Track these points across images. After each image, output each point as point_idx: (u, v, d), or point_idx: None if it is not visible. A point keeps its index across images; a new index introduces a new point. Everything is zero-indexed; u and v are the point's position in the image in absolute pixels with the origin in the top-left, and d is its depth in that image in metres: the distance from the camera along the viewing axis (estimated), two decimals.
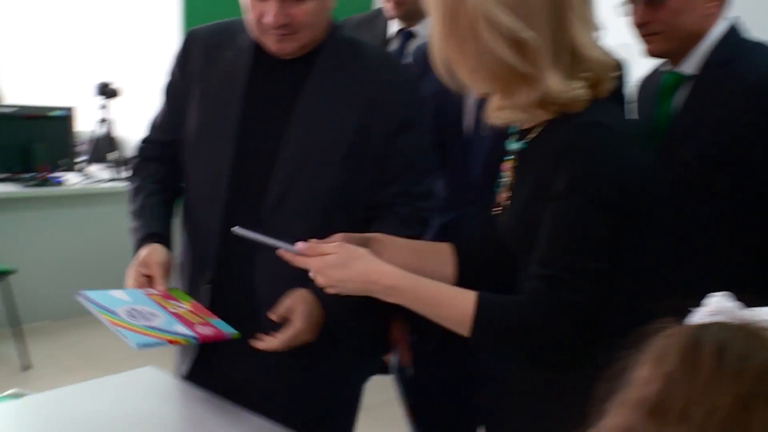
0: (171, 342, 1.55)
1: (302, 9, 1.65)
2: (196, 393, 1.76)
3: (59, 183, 4.66)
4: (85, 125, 5.23)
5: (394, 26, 2.47)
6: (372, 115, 1.71)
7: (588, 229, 1.26)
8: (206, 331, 1.61)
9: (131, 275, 1.71)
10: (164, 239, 1.78)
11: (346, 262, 1.34)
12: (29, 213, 4.67)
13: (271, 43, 1.71)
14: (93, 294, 1.58)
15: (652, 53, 1.95)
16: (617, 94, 1.80)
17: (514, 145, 1.42)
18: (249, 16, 1.70)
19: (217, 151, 1.77)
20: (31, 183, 4.59)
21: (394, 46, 2.49)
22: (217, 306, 1.75)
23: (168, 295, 1.68)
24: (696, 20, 1.87)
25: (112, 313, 1.54)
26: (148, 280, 1.69)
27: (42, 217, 4.63)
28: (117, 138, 5.24)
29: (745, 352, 0.76)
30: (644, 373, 0.79)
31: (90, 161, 5.22)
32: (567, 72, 1.28)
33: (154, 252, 1.72)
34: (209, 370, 1.81)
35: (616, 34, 2.26)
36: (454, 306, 1.31)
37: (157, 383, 1.85)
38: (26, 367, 4.24)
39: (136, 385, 1.84)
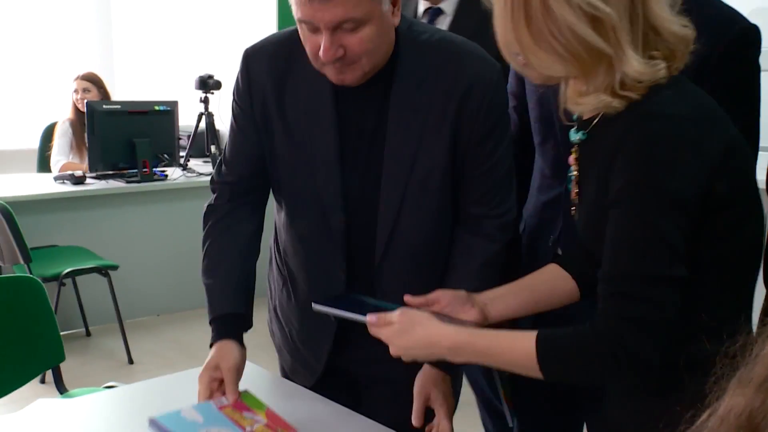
0: None
1: (357, 38, 1.54)
2: (292, 387, 1.82)
3: (163, 177, 4.74)
4: (188, 119, 5.31)
5: (421, 5, 2.47)
6: (461, 120, 1.63)
7: (653, 233, 1.22)
8: None
9: (203, 380, 1.65)
10: (240, 321, 1.73)
11: (408, 329, 1.38)
12: (132, 208, 4.76)
13: (331, 76, 1.61)
14: (164, 420, 1.51)
15: None
16: (753, 62, 1.75)
17: (574, 136, 1.39)
18: (306, 47, 1.60)
19: (324, 192, 1.72)
20: (135, 178, 4.69)
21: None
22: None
23: (241, 405, 1.60)
24: None
25: None
26: (219, 384, 1.65)
27: (144, 212, 4.75)
28: (218, 131, 5.30)
29: None
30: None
31: (191, 155, 5.29)
32: (644, 48, 1.24)
33: (225, 355, 1.67)
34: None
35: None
36: (516, 350, 1.31)
37: (251, 376, 1.81)
38: (130, 361, 4.35)
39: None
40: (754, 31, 1.74)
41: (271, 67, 1.71)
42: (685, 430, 0.80)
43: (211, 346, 1.68)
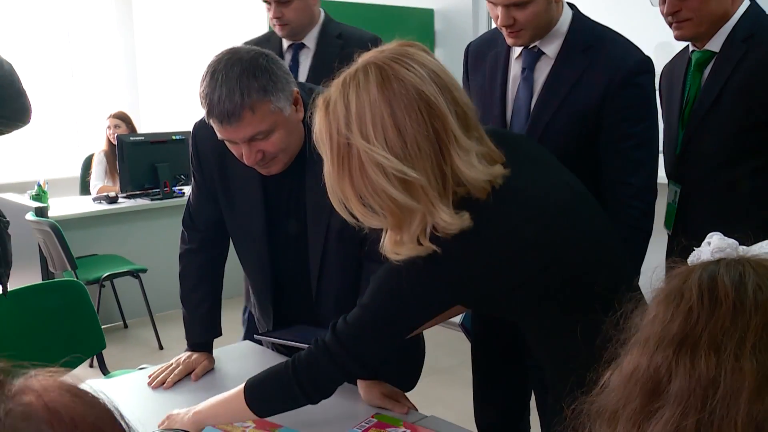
0: None
1: (270, 143, 1.57)
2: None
3: (181, 195, 4.81)
4: None
5: (285, 42, 2.53)
6: None
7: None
8: None
9: (181, 362, 1.89)
10: (207, 345, 1.95)
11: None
12: (157, 221, 4.79)
13: (260, 170, 1.66)
14: None
15: (682, 38, 1.91)
16: (647, 87, 1.81)
17: None
18: (233, 153, 1.63)
19: (254, 241, 1.82)
20: (158, 196, 4.77)
21: (287, 58, 2.52)
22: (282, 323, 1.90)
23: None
24: (723, 4, 1.83)
25: None
26: (182, 371, 1.86)
27: (167, 224, 4.71)
28: None
29: (760, 282, 0.72)
30: (660, 313, 0.73)
31: None
32: (453, 200, 1.20)
33: (198, 358, 1.91)
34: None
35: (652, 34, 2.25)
36: (233, 405, 1.47)
37: (250, 353, 2.05)
38: (160, 347, 4.43)
39: (232, 353, 2.05)
40: (646, 62, 1.81)
41: (214, 144, 1.69)
42: (587, 391, 0.80)
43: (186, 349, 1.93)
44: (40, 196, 4.45)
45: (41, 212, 4.15)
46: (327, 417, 1.59)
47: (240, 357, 2.04)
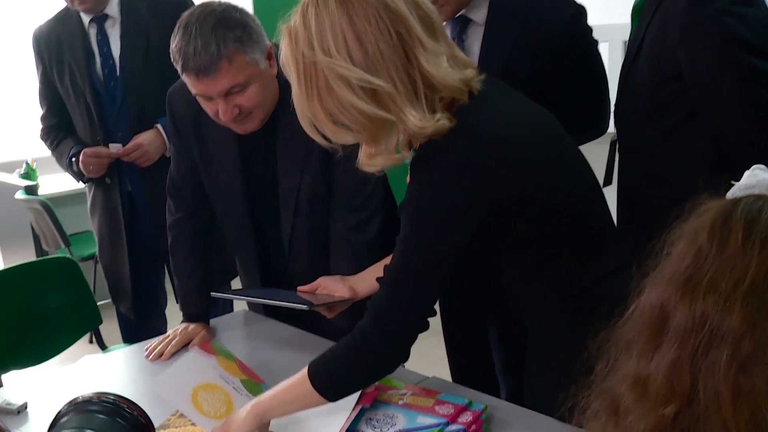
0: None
1: (246, 96, 1.57)
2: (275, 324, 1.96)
3: None
4: None
5: (85, 17, 2.40)
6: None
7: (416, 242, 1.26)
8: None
9: (178, 333, 1.88)
10: (202, 316, 1.94)
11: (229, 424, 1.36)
12: None
13: (236, 129, 1.67)
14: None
15: None
16: (586, 36, 1.81)
17: (407, 158, 1.33)
18: (207, 112, 1.64)
19: (233, 203, 1.82)
20: None
21: (92, 33, 2.42)
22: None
23: (211, 350, 1.60)
24: None
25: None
26: (179, 342, 1.85)
27: None
28: None
29: None
30: (678, 250, 0.75)
31: None
32: (429, 104, 1.20)
33: (195, 328, 1.90)
34: None
35: None
36: (299, 393, 1.32)
37: (248, 321, 2.04)
38: None
39: (230, 322, 2.04)
40: (580, 12, 1.80)
41: (188, 108, 1.73)
42: (615, 324, 0.83)
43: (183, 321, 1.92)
44: (29, 174, 4.41)
45: (31, 190, 4.12)
46: None
47: (237, 326, 2.03)
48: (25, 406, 1.59)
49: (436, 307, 1.89)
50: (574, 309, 1.35)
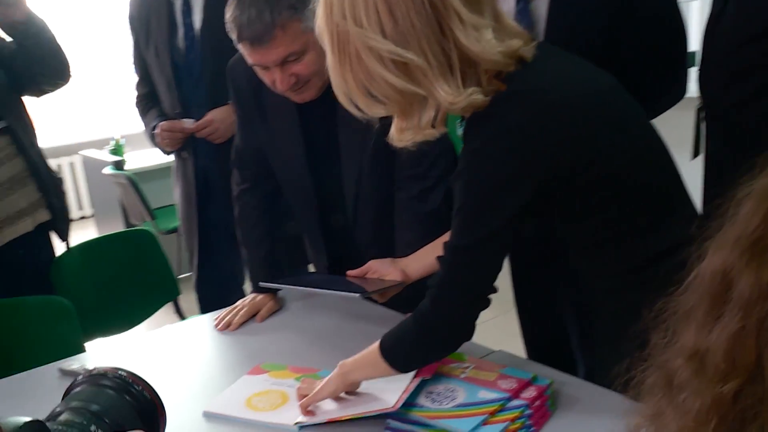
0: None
1: (302, 65, 1.56)
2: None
3: None
4: None
5: None
6: None
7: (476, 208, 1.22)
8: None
9: (246, 304, 1.88)
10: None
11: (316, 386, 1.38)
12: None
13: (294, 99, 1.65)
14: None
15: None
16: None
17: (459, 131, 1.32)
18: (265, 81, 1.63)
19: (296, 172, 1.81)
20: None
21: (178, 3, 2.41)
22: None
23: (263, 371, 1.59)
24: None
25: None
26: (247, 312, 1.86)
27: None
28: None
29: None
30: (746, 210, 0.68)
31: None
32: (467, 79, 1.16)
33: (262, 299, 1.90)
34: None
35: None
36: (372, 360, 1.33)
37: None
38: None
39: (299, 294, 2.03)
40: None
41: (249, 79, 1.71)
42: (674, 291, 0.77)
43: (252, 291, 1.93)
44: (117, 150, 4.56)
45: (118, 165, 4.27)
46: None
47: (305, 297, 2.02)
48: None
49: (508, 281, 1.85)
50: (642, 282, 1.28)
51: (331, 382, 1.36)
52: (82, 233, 5.77)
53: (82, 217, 6.30)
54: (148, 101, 2.60)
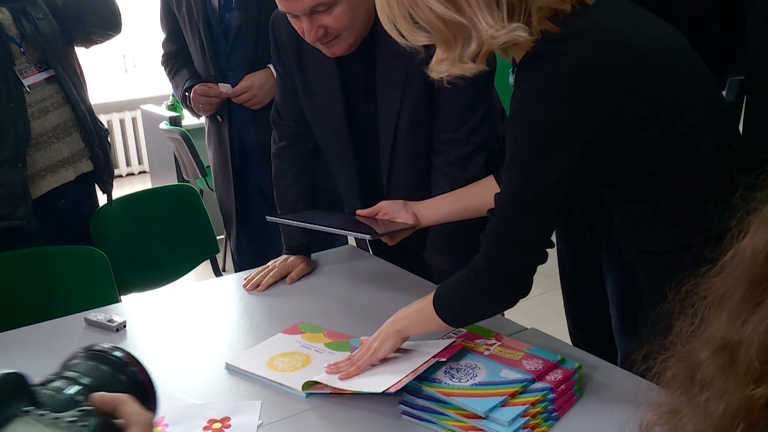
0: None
1: (332, 17, 1.53)
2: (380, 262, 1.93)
3: None
4: None
5: None
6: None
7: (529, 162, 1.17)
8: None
9: (277, 264, 1.86)
10: (302, 247, 1.90)
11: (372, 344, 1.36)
12: None
13: (323, 51, 1.62)
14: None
15: None
16: None
17: (510, 79, 1.30)
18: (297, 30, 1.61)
19: (335, 131, 1.77)
20: None
21: None
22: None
23: (299, 331, 1.58)
24: None
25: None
26: (277, 273, 1.84)
27: None
28: None
29: None
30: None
31: None
32: (515, 13, 1.11)
33: (294, 260, 1.88)
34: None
35: None
36: (426, 314, 1.30)
37: (350, 256, 2.02)
38: None
39: (331, 256, 2.00)
40: None
41: (290, 33, 1.69)
42: (709, 270, 0.71)
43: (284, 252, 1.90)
44: (174, 106, 4.59)
45: (175, 121, 4.29)
46: None
47: (340, 261, 2.00)
48: (123, 325, 1.64)
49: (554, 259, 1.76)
50: (688, 264, 1.19)
51: (387, 342, 1.34)
52: (141, 186, 5.87)
53: (142, 172, 6.40)
54: (177, 60, 2.52)
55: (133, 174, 6.46)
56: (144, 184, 5.95)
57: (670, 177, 1.19)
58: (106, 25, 2.29)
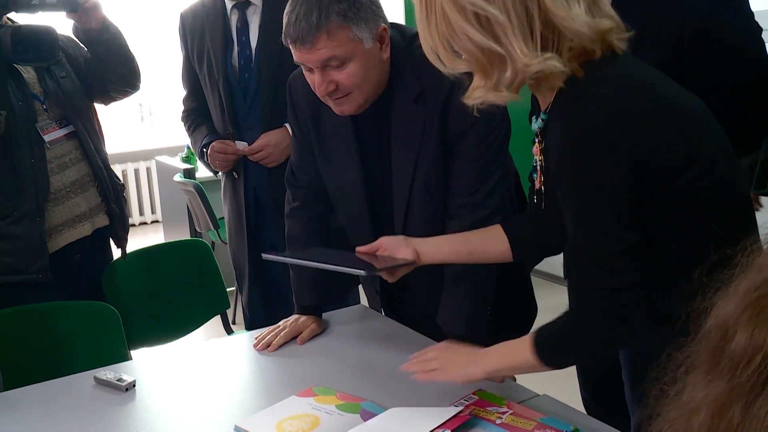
0: None
1: (345, 74, 1.54)
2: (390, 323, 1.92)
3: None
4: None
5: (228, 2, 2.35)
6: (446, 122, 1.61)
7: (601, 207, 1.16)
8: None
9: (288, 325, 1.85)
10: (314, 308, 1.90)
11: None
12: None
13: (333, 108, 1.63)
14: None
15: None
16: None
17: (534, 125, 1.30)
18: (309, 84, 1.62)
19: (350, 192, 1.78)
20: None
21: (234, 20, 2.36)
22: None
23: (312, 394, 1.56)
24: None
25: None
26: (288, 334, 1.83)
27: None
28: None
29: None
30: (762, 260, 0.63)
31: None
32: (548, 46, 1.15)
33: (305, 321, 1.86)
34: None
35: None
36: (521, 358, 1.29)
37: (362, 317, 2.01)
38: None
39: (342, 317, 1.99)
40: (718, 4, 1.62)
41: (308, 94, 1.69)
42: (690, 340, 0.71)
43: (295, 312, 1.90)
44: (188, 158, 4.64)
45: (189, 174, 4.33)
46: (426, 392, 1.50)
47: (351, 321, 1.99)
48: (133, 384, 1.64)
49: None
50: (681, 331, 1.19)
51: (468, 371, 1.36)
52: (153, 237, 5.92)
53: (155, 221, 6.45)
54: (197, 116, 2.57)
55: (146, 223, 6.52)
56: (156, 233, 5.98)
57: (693, 232, 1.20)
58: (126, 82, 2.34)
